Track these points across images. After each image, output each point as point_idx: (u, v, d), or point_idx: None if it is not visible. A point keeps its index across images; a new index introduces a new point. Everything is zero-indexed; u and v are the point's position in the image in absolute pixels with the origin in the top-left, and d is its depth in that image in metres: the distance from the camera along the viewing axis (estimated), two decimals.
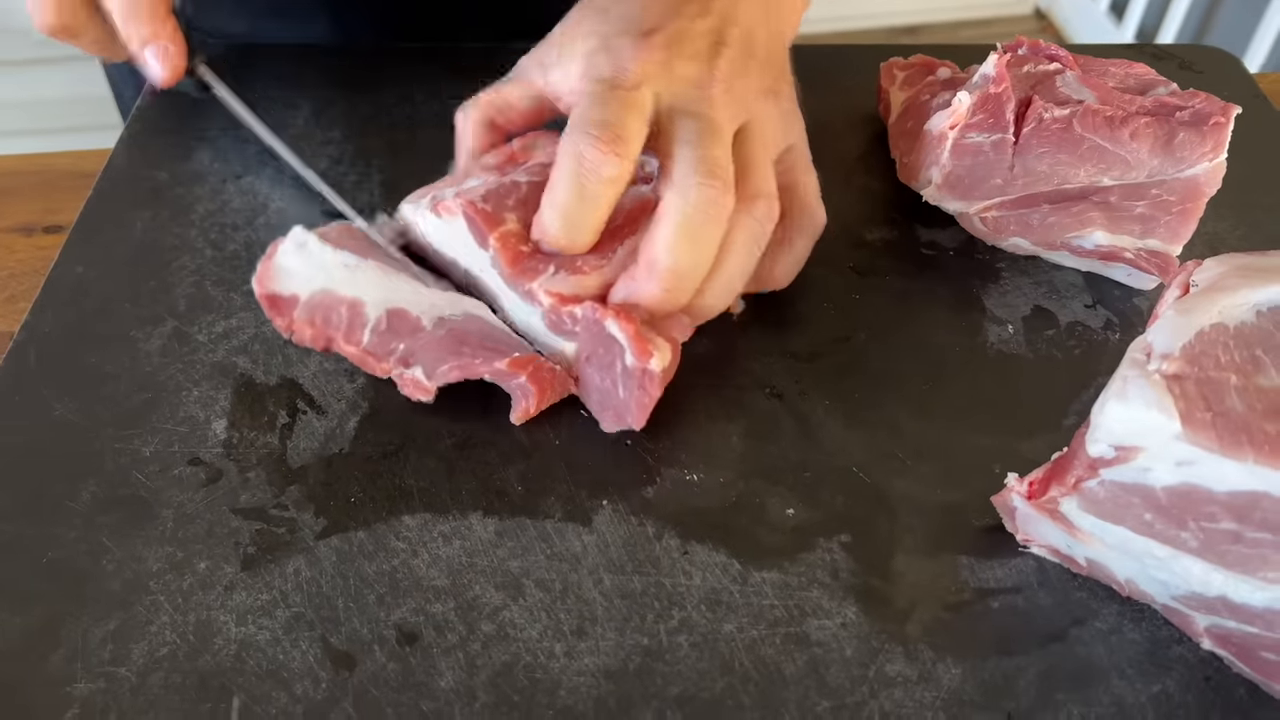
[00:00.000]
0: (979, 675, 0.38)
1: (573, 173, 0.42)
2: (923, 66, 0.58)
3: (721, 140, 0.43)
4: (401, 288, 0.46)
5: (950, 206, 0.52)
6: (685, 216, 0.41)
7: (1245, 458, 0.32)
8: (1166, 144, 0.49)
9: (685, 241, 0.42)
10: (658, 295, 0.42)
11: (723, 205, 0.42)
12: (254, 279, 0.45)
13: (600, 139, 0.41)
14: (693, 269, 0.42)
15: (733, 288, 0.45)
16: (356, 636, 0.38)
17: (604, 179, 0.42)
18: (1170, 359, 0.34)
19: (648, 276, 0.42)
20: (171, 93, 0.59)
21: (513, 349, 0.45)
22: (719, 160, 0.42)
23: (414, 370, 0.44)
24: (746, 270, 0.45)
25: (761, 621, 0.39)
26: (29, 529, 0.41)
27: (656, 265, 0.42)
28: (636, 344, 0.41)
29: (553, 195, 0.42)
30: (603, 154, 0.41)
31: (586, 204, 0.42)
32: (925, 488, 0.43)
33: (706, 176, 0.42)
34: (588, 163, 0.41)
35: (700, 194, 0.41)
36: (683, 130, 0.43)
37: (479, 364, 0.44)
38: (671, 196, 0.42)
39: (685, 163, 0.42)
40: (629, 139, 0.42)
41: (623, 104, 0.42)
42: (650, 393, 0.42)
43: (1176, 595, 0.37)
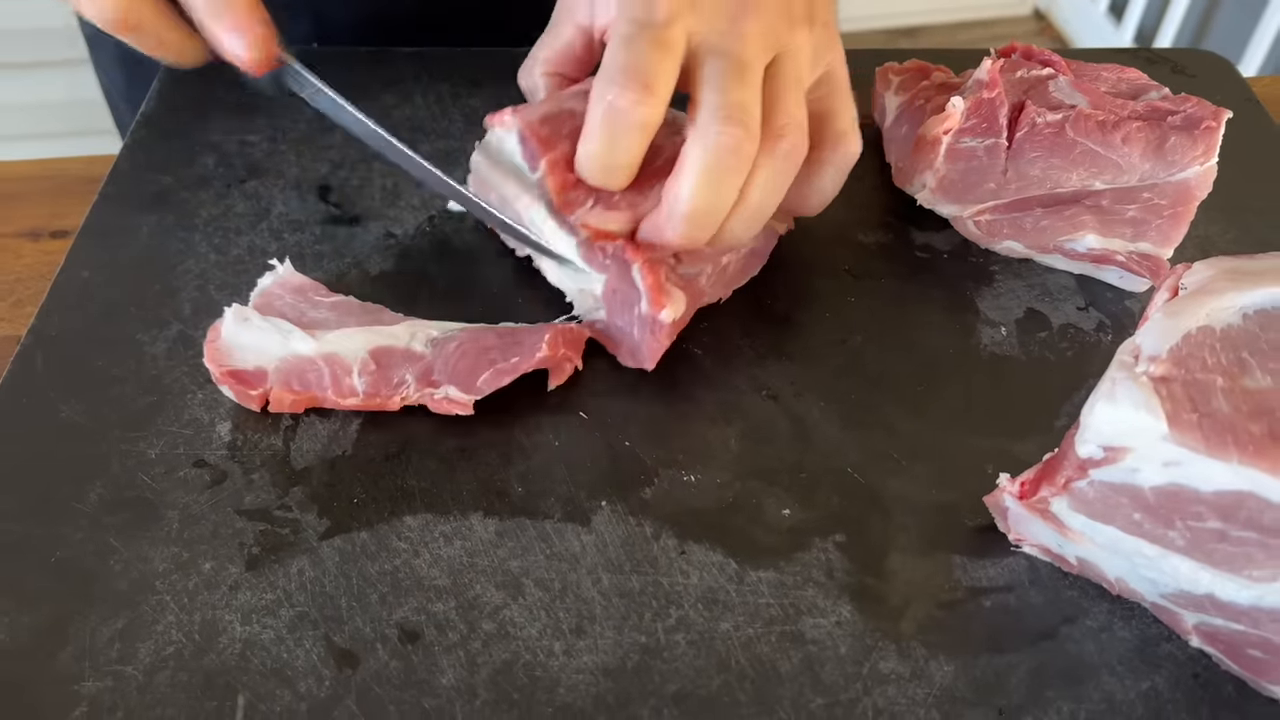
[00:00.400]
0: (971, 672, 0.38)
1: (603, 119, 0.42)
2: (917, 71, 0.59)
3: (749, 80, 0.43)
4: (365, 330, 0.46)
5: (944, 210, 0.53)
6: (705, 163, 0.42)
7: (1230, 458, 0.33)
8: (1158, 148, 0.49)
9: (705, 187, 0.42)
10: (678, 237, 0.44)
11: (744, 152, 0.43)
12: (206, 360, 0.45)
13: (628, 86, 0.42)
14: (711, 213, 0.43)
15: (754, 224, 0.46)
16: (359, 635, 0.39)
17: (633, 125, 0.42)
18: (1158, 361, 0.35)
19: (668, 219, 0.43)
20: (174, 97, 0.60)
21: (531, 334, 0.46)
22: (744, 104, 0.43)
23: (445, 390, 0.45)
24: (768, 207, 0.46)
25: (757, 620, 0.40)
26: (37, 529, 0.41)
27: (676, 209, 0.43)
28: (653, 294, 0.44)
29: (586, 140, 0.43)
30: (631, 102, 0.42)
31: (618, 149, 0.43)
32: (919, 488, 0.44)
33: (728, 123, 0.42)
34: (617, 109, 0.42)
35: (720, 141, 0.42)
36: (710, 71, 0.43)
37: (519, 362, 0.45)
38: (694, 142, 0.42)
39: (709, 108, 0.42)
40: (658, 84, 0.42)
41: (653, 44, 0.42)
42: (660, 340, 0.45)
43: (1165, 593, 0.38)
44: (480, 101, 0.61)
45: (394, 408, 0.45)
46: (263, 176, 0.57)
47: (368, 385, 0.45)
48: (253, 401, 0.45)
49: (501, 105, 0.60)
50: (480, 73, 0.63)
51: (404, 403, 0.45)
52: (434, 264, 0.52)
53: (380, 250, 0.53)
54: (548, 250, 0.48)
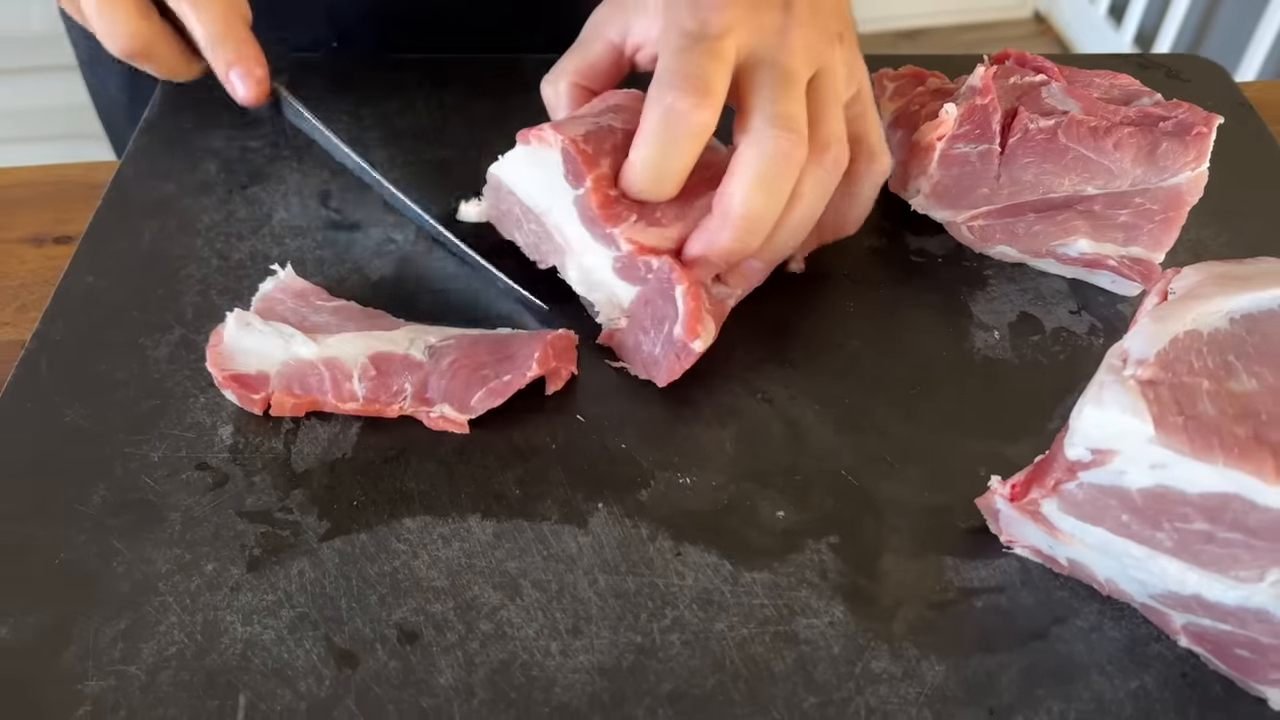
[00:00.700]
0: (962, 672, 0.39)
1: (660, 124, 0.43)
2: (913, 77, 0.59)
3: (797, 91, 0.45)
4: (365, 335, 0.47)
5: (938, 215, 0.54)
6: (760, 168, 0.43)
7: (1216, 460, 0.33)
8: (1150, 153, 0.50)
9: (759, 192, 0.44)
10: (731, 242, 0.45)
11: (796, 158, 0.44)
12: (208, 364, 0.46)
13: (687, 90, 0.43)
14: (765, 217, 0.45)
15: (800, 233, 0.47)
16: (359, 635, 0.39)
17: (690, 130, 0.43)
18: (1145, 365, 0.35)
19: (722, 225, 0.44)
20: (176, 104, 0.61)
21: (523, 346, 0.46)
22: (794, 114, 0.44)
23: (440, 408, 0.45)
24: (814, 216, 0.47)
25: (751, 620, 0.40)
26: (41, 531, 0.42)
27: (731, 213, 0.44)
28: (690, 321, 0.45)
29: (640, 146, 0.44)
30: (690, 105, 0.43)
31: (673, 154, 0.44)
32: (912, 490, 0.44)
33: (783, 129, 0.43)
34: (675, 114, 0.43)
35: (775, 146, 0.43)
36: (760, 81, 0.44)
37: (511, 380, 0.45)
38: (747, 148, 0.43)
39: (762, 115, 0.44)
40: (715, 91, 0.43)
41: (708, 54, 0.43)
42: (684, 364, 0.46)
43: (1154, 594, 0.39)
44: (482, 109, 0.62)
45: (392, 415, 0.45)
46: (264, 183, 0.57)
47: (367, 390, 0.45)
48: (255, 405, 0.46)
49: (503, 113, 0.61)
50: (483, 80, 0.64)
51: (400, 412, 0.45)
52: (433, 269, 0.53)
53: (380, 255, 0.54)
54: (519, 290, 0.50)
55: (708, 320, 0.45)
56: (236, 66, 0.49)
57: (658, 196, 0.46)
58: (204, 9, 0.48)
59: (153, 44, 0.49)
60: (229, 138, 0.60)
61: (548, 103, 0.51)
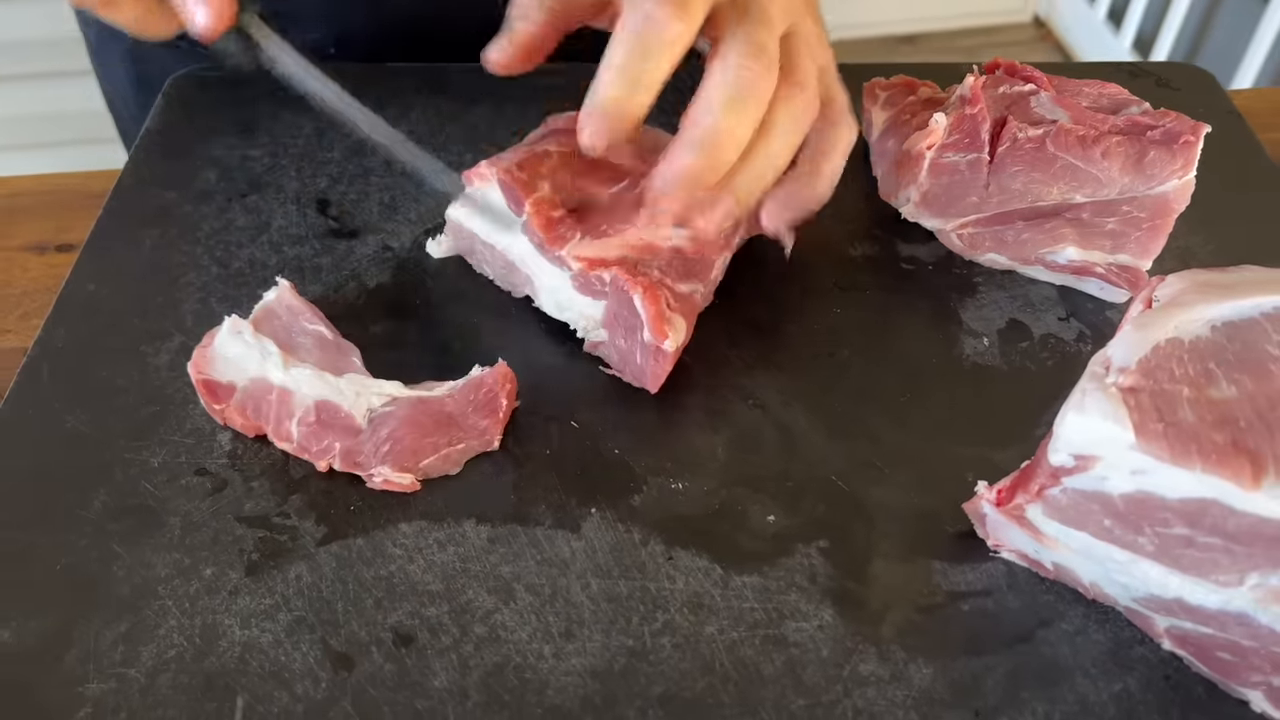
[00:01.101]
0: (949, 675, 0.39)
1: (636, 30, 0.42)
2: (904, 87, 0.60)
3: (771, 29, 0.45)
4: (319, 377, 0.47)
5: (928, 223, 0.54)
6: (728, 89, 0.43)
7: (1194, 466, 0.34)
8: (1137, 162, 0.50)
9: (725, 109, 0.43)
10: (696, 163, 0.43)
11: (765, 85, 0.44)
12: (189, 365, 0.47)
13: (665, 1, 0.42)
14: (730, 136, 0.43)
15: (769, 170, 0.46)
16: (355, 639, 0.40)
17: (666, 39, 0.42)
18: (1127, 372, 0.36)
19: (687, 145, 0.43)
20: (176, 114, 0.62)
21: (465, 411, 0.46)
22: (765, 44, 0.44)
23: (381, 471, 0.44)
24: (785, 153, 0.46)
25: (742, 624, 0.41)
26: (43, 537, 0.43)
27: (695, 129, 0.43)
28: (655, 324, 0.45)
29: (613, 53, 0.43)
30: (668, 14, 0.42)
31: (647, 61, 0.43)
32: (901, 495, 0.45)
33: (752, 56, 0.43)
34: (652, 21, 0.42)
35: (743, 69, 0.43)
36: (737, 16, 0.44)
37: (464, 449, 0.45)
38: (716, 69, 0.43)
39: (734, 40, 0.44)
40: (693, 7, 0.43)
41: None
42: (664, 366, 0.47)
43: (1137, 598, 0.39)
44: (478, 117, 0.63)
45: (321, 468, 0.45)
46: (263, 191, 0.58)
47: (302, 437, 0.45)
48: (216, 414, 0.46)
49: (500, 121, 0.62)
50: (478, 88, 0.64)
51: (329, 468, 0.45)
52: (429, 276, 0.54)
53: (378, 263, 0.54)
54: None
55: (674, 318, 0.46)
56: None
57: (626, 111, 0.43)
58: None
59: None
60: (229, 146, 0.60)
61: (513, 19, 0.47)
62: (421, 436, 0.45)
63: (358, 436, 0.45)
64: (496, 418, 0.46)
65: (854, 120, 0.50)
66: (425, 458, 0.44)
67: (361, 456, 0.45)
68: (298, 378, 0.46)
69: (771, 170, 0.46)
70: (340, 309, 0.51)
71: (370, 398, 0.46)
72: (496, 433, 0.46)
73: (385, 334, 0.51)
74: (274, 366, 0.46)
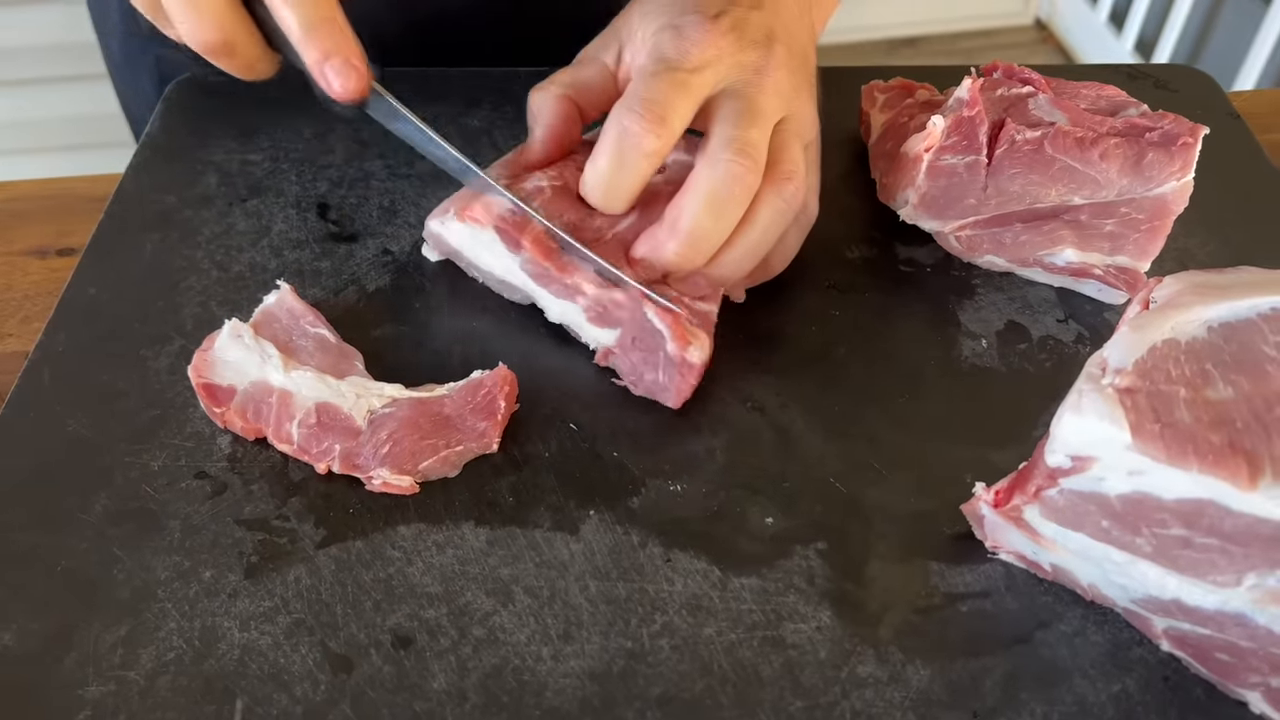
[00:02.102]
0: (947, 676, 0.39)
1: (614, 142, 0.45)
2: (902, 89, 0.60)
3: (761, 124, 0.46)
4: (320, 379, 0.47)
5: (926, 225, 0.54)
6: (712, 189, 0.45)
7: (1191, 467, 0.34)
8: (1135, 164, 0.51)
9: (707, 212, 0.45)
10: (674, 255, 0.46)
11: (748, 183, 0.45)
12: (189, 369, 0.47)
13: (644, 115, 0.44)
14: (710, 237, 0.46)
15: (748, 259, 0.48)
16: (354, 641, 0.40)
17: (642, 152, 0.45)
18: (1123, 373, 0.36)
19: (668, 235, 0.46)
20: (177, 119, 0.62)
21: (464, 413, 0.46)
22: (754, 141, 0.45)
23: (380, 473, 0.44)
24: (764, 245, 0.48)
25: (740, 625, 0.41)
26: (43, 539, 0.43)
27: (677, 226, 0.45)
28: (678, 334, 0.45)
29: (595, 160, 0.46)
30: (642, 130, 0.44)
31: (625, 173, 0.46)
32: (899, 497, 0.45)
33: (738, 155, 0.45)
34: (628, 136, 0.45)
35: (729, 169, 0.45)
36: (727, 110, 0.46)
37: (462, 450, 0.45)
38: (703, 166, 0.45)
39: (721, 139, 0.45)
40: (672, 121, 0.45)
41: (675, 85, 0.45)
42: (689, 380, 0.47)
43: (1135, 599, 0.39)
44: (478, 121, 0.63)
45: (320, 470, 0.45)
46: (263, 195, 0.58)
47: (302, 439, 0.45)
48: (216, 417, 0.46)
49: (497, 124, 0.62)
50: (477, 93, 0.65)
51: (329, 470, 0.45)
52: (428, 280, 0.54)
53: (377, 267, 0.54)
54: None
55: (696, 331, 0.46)
56: (334, 57, 0.44)
57: (609, 210, 0.48)
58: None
59: (237, 35, 0.44)
60: (229, 151, 0.61)
61: (533, 110, 0.51)
62: (420, 438, 0.45)
63: (357, 438, 0.45)
64: (495, 420, 0.46)
65: (815, 203, 0.51)
66: (424, 460, 0.45)
67: (360, 459, 0.45)
68: (298, 380, 0.46)
69: (750, 259, 0.48)
70: (340, 313, 0.51)
71: (371, 400, 0.46)
72: (495, 435, 0.46)
73: (385, 338, 0.51)
74: (274, 369, 0.47)
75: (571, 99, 0.50)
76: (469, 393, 0.47)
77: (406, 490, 0.44)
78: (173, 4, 0.43)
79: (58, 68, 1.44)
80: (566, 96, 0.50)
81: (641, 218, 0.49)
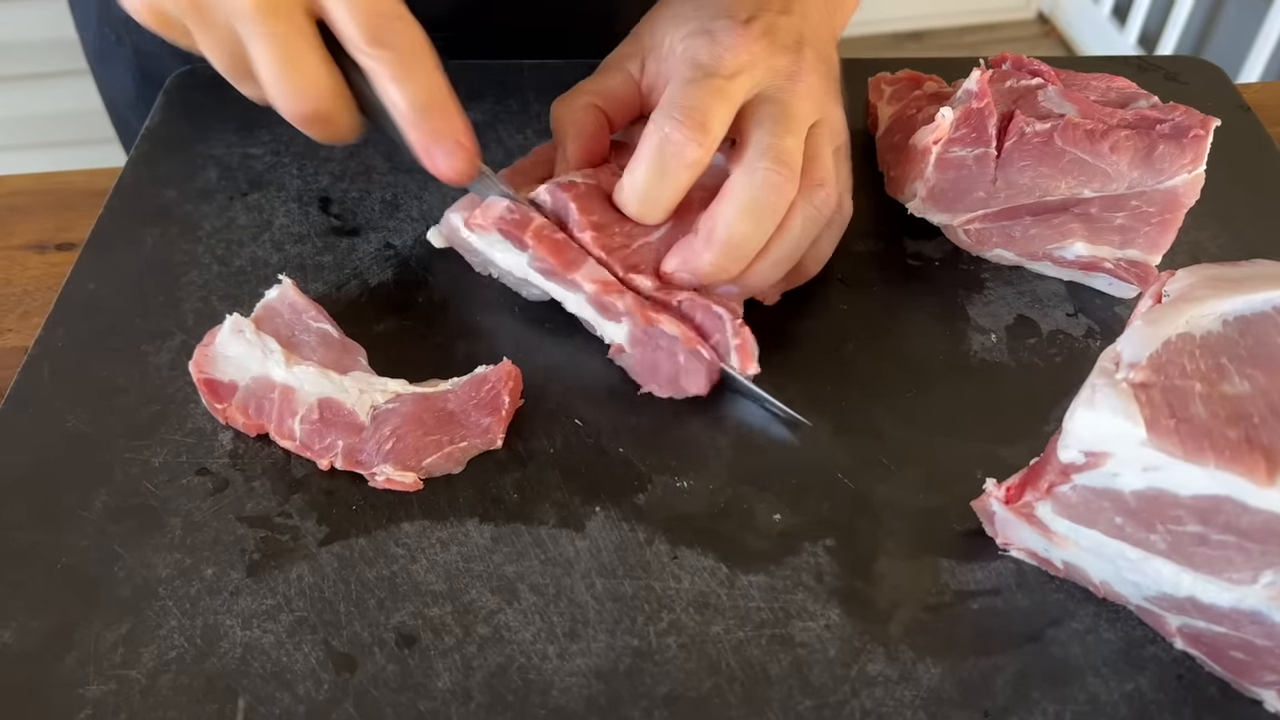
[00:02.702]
0: (958, 674, 0.39)
1: (654, 152, 0.44)
2: (910, 81, 0.59)
3: (796, 130, 0.46)
4: (324, 375, 0.46)
5: (935, 219, 0.54)
6: (749, 197, 0.44)
7: (1207, 463, 0.33)
8: (1146, 156, 0.50)
9: (744, 219, 0.44)
10: (710, 266, 0.45)
11: (785, 192, 0.45)
12: (190, 364, 0.47)
13: (685, 124, 0.44)
14: (747, 245, 0.45)
15: (782, 266, 0.48)
16: (357, 639, 0.40)
17: (684, 162, 0.44)
18: (1138, 368, 0.36)
19: (705, 247, 0.45)
20: (178, 112, 0.61)
21: (468, 409, 0.46)
22: (789, 149, 0.45)
23: (383, 470, 0.44)
24: (798, 252, 0.48)
25: (748, 623, 0.40)
26: (43, 537, 0.42)
27: (714, 237, 0.45)
28: (686, 340, 0.45)
29: (634, 170, 0.45)
30: (684, 138, 0.44)
31: (665, 183, 0.45)
32: (908, 493, 0.44)
33: (775, 163, 0.44)
34: (670, 145, 0.44)
35: (766, 178, 0.44)
36: (762, 116, 0.45)
37: (466, 446, 0.45)
38: (739, 176, 0.44)
39: (758, 147, 0.45)
40: (712, 129, 0.44)
41: (713, 92, 0.44)
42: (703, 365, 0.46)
43: (1149, 596, 0.39)
44: (479, 114, 0.62)
45: (323, 467, 0.45)
46: (265, 189, 0.58)
47: (304, 435, 0.45)
48: (217, 413, 0.46)
49: (499, 117, 0.62)
50: (478, 86, 0.64)
51: (331, 467, 0.44)
52: (431, 274, 0.53)
53: (380, 261, 0.54)
54: None
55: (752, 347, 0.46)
56: (445, 140, 0.43)
57: (647, 221, 0.47)
58: (410, 69, 0.42)
59: (334, 105, 0.43)
60: (230, 145, 0.60)
61: (560, 121, 0.50)
62: (424, 434, 0.44)
63: (360, 434, 0.45)
64: (500, 415, 0.45)
65: (849, 202, 0.51)
66: (427, 456, 0.44)
67: (363, 455, 0.44)
68: (300, 376, 0.46)
69: (783, 267, 0.48)
70: (342, 307, 0.51)
71: (374, 395, 0.46)
72: (500, 431, 0.45)
73: (388, 332, 0.50)
74: (276, 365, 0.46)
75: (600, 108, 0.50)
76: (473, 388, 0.46)
77: (410, 487, 0.44)
78: (266, 68, 0.41)
79: (49, 64, 1.44)
80: (596, 106, 0.50)
81: (674, 225, 0.48)
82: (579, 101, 0.50)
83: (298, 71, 0.41)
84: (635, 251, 0.47)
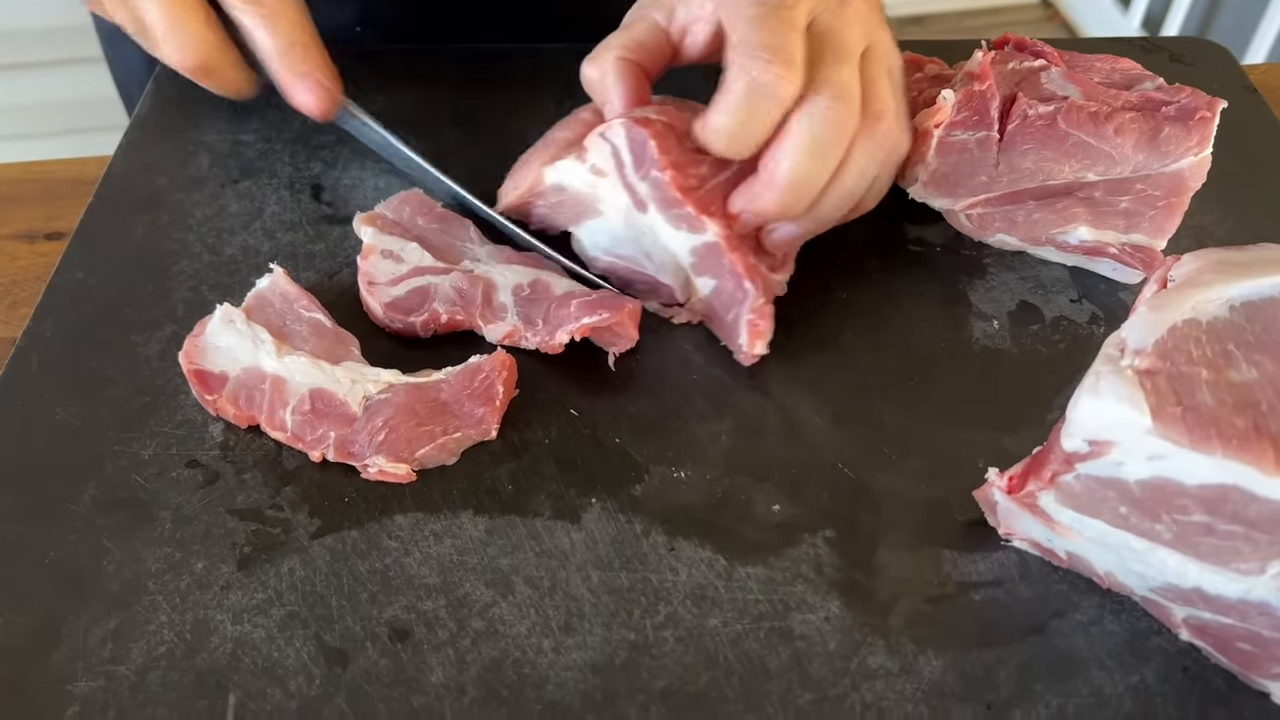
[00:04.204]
0: (960, 667, 0.38)
1: (745, 94, 0.43)
2: (911, 63, 0.58)
3: (852, 61, 0.45)
4: (315, 365, 0.46)
5: (936, 203, 0.53)
6: (812, 135, 0.44)
7: (1214, 451, 0.32)
8: (1151, 139, 0.49)
9: (807, 158, 0.44)
10: (774, 205, 0.45)
11: (848, 127, 0.45)
12: (180, 355, 0.46)
13: (772, 61, 0.43)
14: (811, 183, 0.45)
15: (846, 203, 0.47)
16: (349, 634, 0.39)
17: (777, 101, 0.43)
18: (1143, 354, 0.35)
19: (767, 186, 0.45)
20: (168, 98, 0.60)
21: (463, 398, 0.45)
22: (848, 84, 0.45)
23: (375, 461, 0.43)
24: (861, 187, 0.47)
25: (746, 616, 0.40)
26: (31, 530, 0.42)
27: (777, 177, 0.44)
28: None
29: (722, 113, 0.44)
30: (775, 76, 0.43)
31: (756, 123, 0.44)
32: (909, 483, 0.44)
33: (835, 100, 0.44)
34: (761, 85, 0.43)
35: (827, 116, 0.44)
36: (818, 49, 0.45)
37: (461, 437, 0.44)
38: (801, 114, 0.44)
39: (818, 84, 0.44)
40: (798, 62, 0.43)
41: (786, 24, 0.44)
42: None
43: (1154, 587, 0.38)
44: (470, 101, 0.61)
45: (315, 459, 0.44)
46: (256, 177, 0.57)
47: (295, 426, 0.44)
48: (208, 404, 0.45)
49: (495, 104, 0.61)
50: (470, 72, 0.63)
51: (323, 458, 0.44)
52: None
53: None
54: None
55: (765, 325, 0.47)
56: (306, 78, 0.49)
57: (736, 156, 0.46)
58: (276, 20, 0.48)
59: (218, 58, 0.48)
60: (220, 132, 0.59)
61: (594, 80, 0.48)
62: (417, 425, 0.44)
63: (352, 425, 0.44)
64: (494, 406, 0.45)
65: (907, 132, 0.49)
66: (420, 447, 0.43)
67: (356, 446, 0.44)
68: (292, 366, 0.45)
69: (846, 204, 0.47)
70: (334, 296, 0.50)
71: (366, 386, 0.45)
72: (494, 421, 0.45)
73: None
74: (267, 355, 0.45)
75: (632, 60, 0.48)
76: (467, 378, 0.45)
77: (403, 478, 0.43)
78: (156, 27, 0.47)
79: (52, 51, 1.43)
80: (626, 59, 0.48)
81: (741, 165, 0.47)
82: (611, 55, 0.48)
83: (183, 28, 0.47)
84: (708, 193, 0.46)
